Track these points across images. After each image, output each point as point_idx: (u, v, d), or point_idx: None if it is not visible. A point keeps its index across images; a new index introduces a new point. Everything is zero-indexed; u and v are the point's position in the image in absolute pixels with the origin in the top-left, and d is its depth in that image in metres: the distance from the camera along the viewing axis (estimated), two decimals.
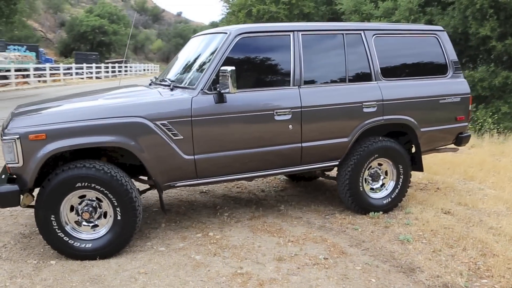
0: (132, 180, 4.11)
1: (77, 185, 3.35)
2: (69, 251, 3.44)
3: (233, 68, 3.52)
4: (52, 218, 3.35)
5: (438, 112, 4.60)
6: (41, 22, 55.24)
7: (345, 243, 3.85)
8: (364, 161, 4.31)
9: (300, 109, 3.94)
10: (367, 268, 3.39)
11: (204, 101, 3.66)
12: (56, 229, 3.38)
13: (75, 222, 3.49)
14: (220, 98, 3.66)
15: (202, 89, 3.68)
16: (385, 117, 4.31)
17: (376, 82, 4.31)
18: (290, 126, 3.92)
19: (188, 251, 3.65)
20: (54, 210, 3.35)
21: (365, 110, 4.21)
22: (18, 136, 3.19)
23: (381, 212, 4.47)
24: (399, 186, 4.55)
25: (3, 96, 17.63)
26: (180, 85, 3.87)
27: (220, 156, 3.75)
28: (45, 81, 26.87)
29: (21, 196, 3.42)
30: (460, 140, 4.82)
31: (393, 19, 13.42)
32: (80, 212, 3.46)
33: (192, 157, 3.64)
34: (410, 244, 3.84)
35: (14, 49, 33.01)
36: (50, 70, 27.87)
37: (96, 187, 3.38)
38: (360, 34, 4.31)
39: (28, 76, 25.08)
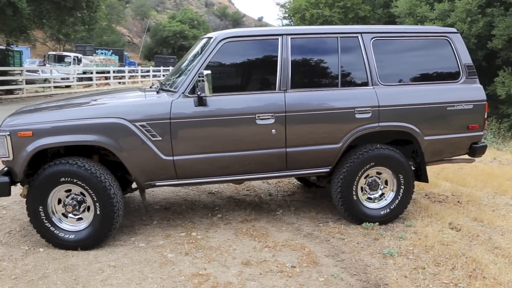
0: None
1: (61, 180, 3.61)
2: (54, 240, 3.72)
3: (209, 72, 3.59)
4: (40, 209, 3.65)
5: (446, 120, 4.28)
6: (129, 27, 59.34)
7: (322, 252, 3.74)
8: (358, 169, 4.14)
9: (284, 114, 3.89)
10: (330, 280, 3.27)
11: (184, 104, 3.76)
12: (44, 220, 3.68)
13: (62, 214, 3.76)
14: (200, 102, 3.74)
15: (183, 92, 3.79)
16: (381, 124, 4.11)
17: (372, 87, 4.12)
18: (273, 130, 3.89)
19: (165, 248, 3.78)
20: (42, 202, 3.65)
21: (357, 116, 4.05)
22: (8, 133, 3.53)
23: (377, 223, 4.26)
24: (399, 197, 4.30)
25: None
26: (166, 88, 4.01)
27: (200, 158, 3.83)
28: (124, 83, 28.84)
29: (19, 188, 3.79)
30: (474, 150, 4.44)
31: (448, 22, 12.56)
32: (65, 205, 3.72)
33: (171, 158, 3.76)
34: (393, 258, 3.63)
35: (101, 53, 35.92)
36: (129, 72, 29.81)
37: (78, 182, 3.62)
38: (357, 37, 4.16)
39: (109, 78, 27.10)
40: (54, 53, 26.97)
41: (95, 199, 3.65)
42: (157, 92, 3.98)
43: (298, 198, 5.27)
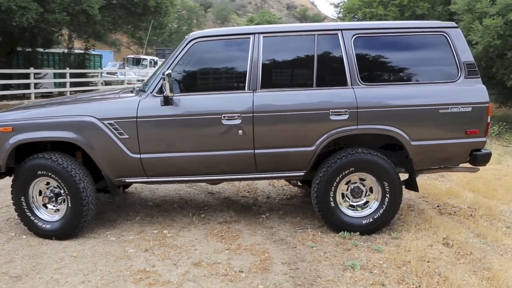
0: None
1: (38, 173, 3.86)
2: (34, 229, 3.98)
3: (170, 71, 3.63)
4: (22, 199, 3.93)
5: (438, 123, 3.88)
6: None
7: (281, 259, 3.58)
8: (336, 174, 3.91)
9: (251, 114, 3.79)
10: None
11: (151, 103, 3.82)
12: (25, 209, 3.95)
13: (43, 204, 4.01)
14: (166, 101, 3.77)
15: (151, 92, 3.86)
16: (359, 127, 3.84)
17: (351, 87, 3.86)
18: (240, 131, 3.80)
19: (131, 244, 3.86)
20: (23, 192, 3.92)
21: (332, 117, 3.82)
22: None
23: (357, 233, 3.99)
24: (384, 206, 3.98)
25: None
26: (140, 88, 4.11)
27: (167, 157, 3.86)
28: None
29: None
30: (475, 158, 3.98)
31: (509, 17, 11.28)
32: (43, 196, 3.97)
33: (138, 156, 3.84)
34: (352, 272, 3.37)
35: None
36: None
37: (52, 176, 3.84)
38: (337, 34, 3.93)
39: None
40: (132, 56, 28.77)
41: (67, 192, 3.85)
42: (131, 92, 4.10)
43: (295, 203, 5.10)
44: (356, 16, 18.08)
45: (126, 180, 3.97)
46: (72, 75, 18.19)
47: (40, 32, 17.05)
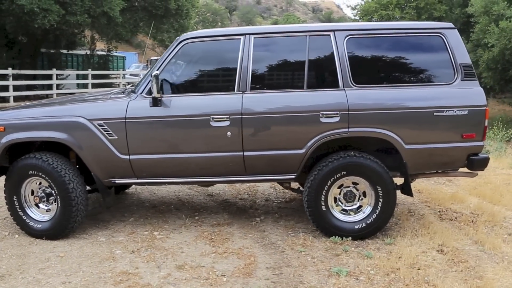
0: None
1: (29, 173, 3.91)
2: (26, 228, 4.03)
3: (157, 72, 3.62)
4: (14, 199, 3.99)
5: (433, 127, 3.75)
6: None
7: (267, 263, 3.52)
8: (327, 177, 3.81)
9: (240, 116, 3.75)
10: None
11: (140, 104, 3.82)
12: (18, 208, 4.01)
13: (35, 204, 4.06)
14: (155, 102, 3.77)
15: (141, 93, 3.86)
16: (351, 129, 3.74)
17: (343, 89, 3.77)
18: (229, 133, 3.76)
19: (119, 245, 3.87)
20: (16, 192, 3.98)
21: (323, 120, 3.73)
22: None
23: (349, 238, 3.89)
24: (377, 211, 3.86)
25: None
26: (131, 89, 4.12)
27: (156, 159, 3.85)
28: None
29: None
30: (471, 163, 3.82)
31: None
32: (35, 196, 4.02)
33: (127, 156, 3.84)
34: (337, 278, 3.28)
35: None
36: None
37: (43, 176, 3.88)
38: (329, 35, 3.84)
39: None
40: (155, 58, 29.00)
41: (57, 192, 3.88)
42: (123, 93, 4.11)
43: (292, 206, 5.02)
44: (373, 19, 17.85)
45: (116, 181, 3.98)
46: (94, 76, 18.56)
47: (63, 33, 17.45)
